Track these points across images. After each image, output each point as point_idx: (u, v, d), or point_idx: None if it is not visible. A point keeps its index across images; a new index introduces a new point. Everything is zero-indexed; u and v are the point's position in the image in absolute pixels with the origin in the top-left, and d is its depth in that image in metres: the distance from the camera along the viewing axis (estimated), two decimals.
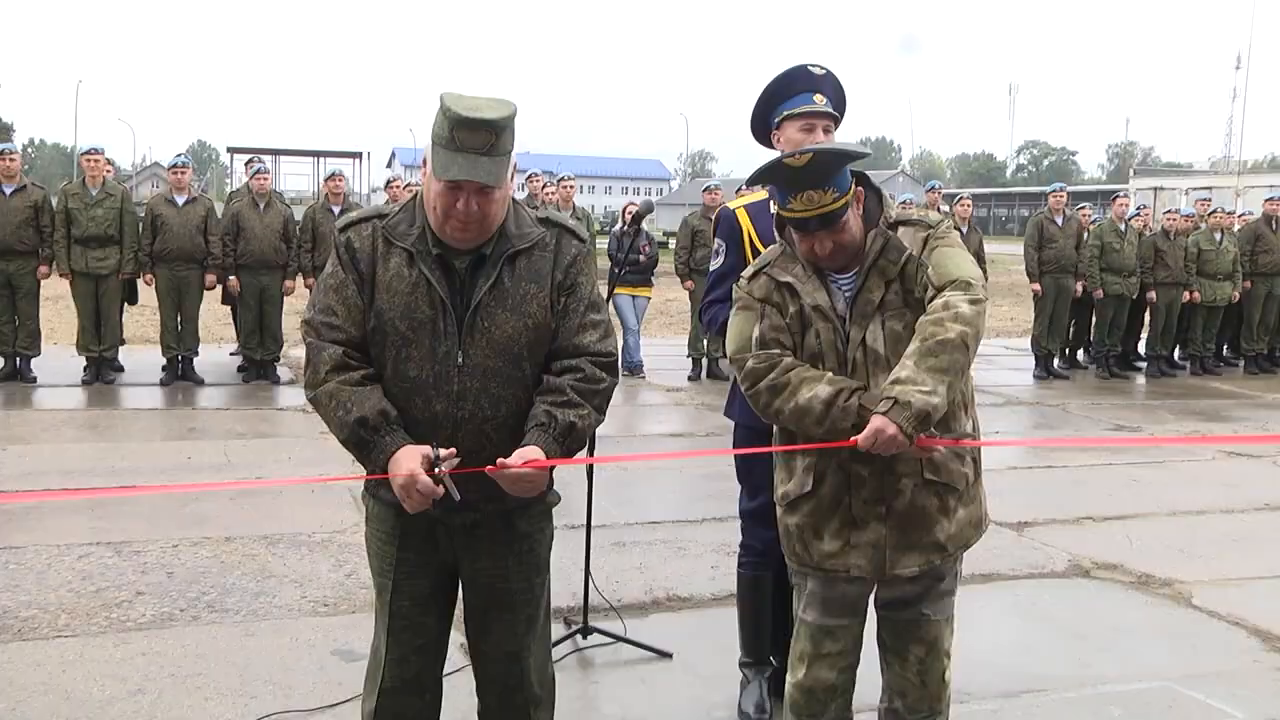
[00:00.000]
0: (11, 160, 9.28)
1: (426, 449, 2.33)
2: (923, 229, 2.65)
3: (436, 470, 2.32)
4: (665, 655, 4.08)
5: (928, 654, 2.78)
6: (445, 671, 2.74)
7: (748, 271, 2.83)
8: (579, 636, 4.15)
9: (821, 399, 2.59)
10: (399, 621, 2.60)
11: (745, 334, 2.73)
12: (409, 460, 2.32)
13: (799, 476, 2.74)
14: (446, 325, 2.42)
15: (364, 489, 2.64)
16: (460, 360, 2.41)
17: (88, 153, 9.58)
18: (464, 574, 2.61)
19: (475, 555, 2.57)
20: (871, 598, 2.84)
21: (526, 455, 2.35)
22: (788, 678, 2.88)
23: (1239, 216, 13.03)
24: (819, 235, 2.61)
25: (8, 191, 9.20)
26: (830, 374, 2.64)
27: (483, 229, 2.42)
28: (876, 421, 2.44)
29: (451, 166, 2.32)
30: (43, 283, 9.48)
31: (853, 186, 2.63)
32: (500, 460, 2.35)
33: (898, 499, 2.65)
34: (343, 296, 2.46)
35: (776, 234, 2.81)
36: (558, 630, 4.22)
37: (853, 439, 2.51)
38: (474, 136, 2.31)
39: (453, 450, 2.34)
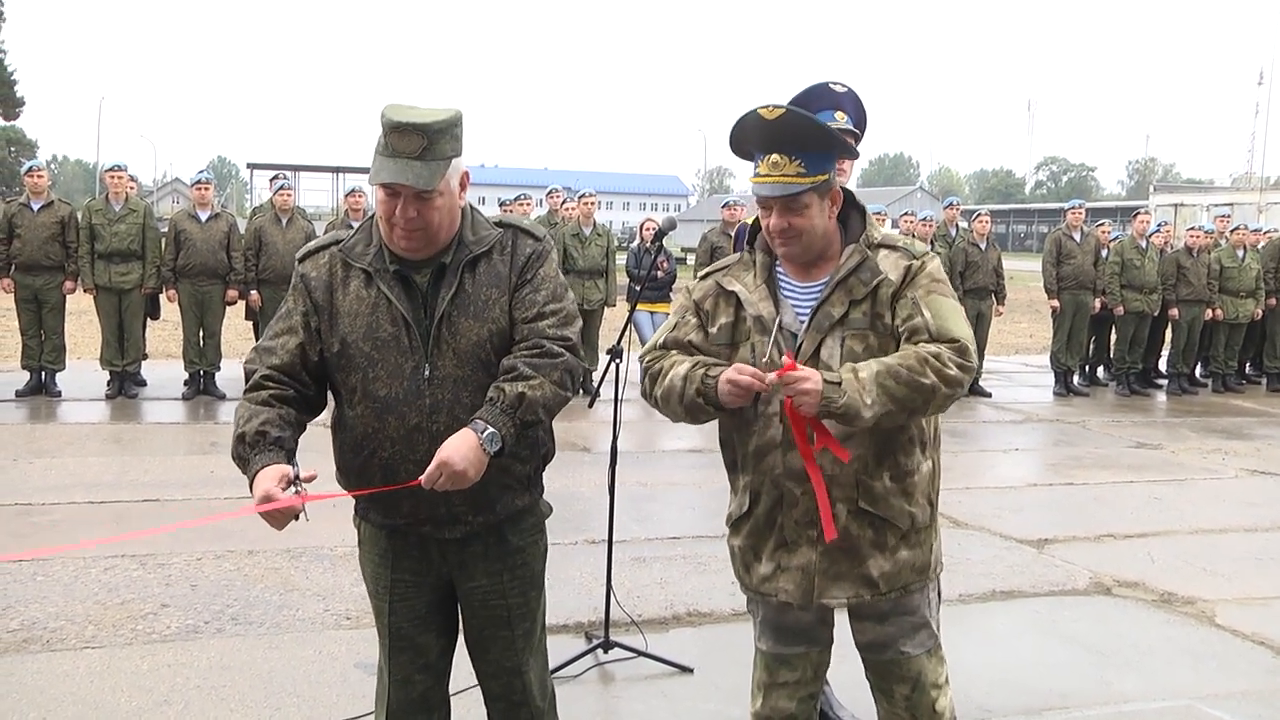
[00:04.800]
0: (39, 177, 9.41)
1: (287, 469, 2.32)
2: (906, 257, 2.57)
3: (297, 490, 2.31)
4: (686, 670, 4.09)
5: (913, 690, 2.69)
6: (459, 689, 2.74)
7: (703, 271, 2.83)
8: (600, 650, 4.16)
9: (680, 374, 2.56)
10: (399, 642, 2.59)
11: (657, 339, 2.74)
12: (266, 480, 2.30)
13: (738, 496, 2.69)
14: (411, 340, 2.41)
15: (354, 512, 2.63)
16: (428, 373, 2.40)
17: (112, 169, 9.72)
18: (460, 592, 2.60)
19: (470, 574, 2.55)
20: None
21: (456, 440, 2.30)
22: (749, 706, 2.82)
23: (1264, 234, 12.96)
24: (776, 208, 2.53)
25: (35, 208, 9.32)
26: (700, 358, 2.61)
27: (428, 238, 2.40)
28: (809, 371, 2.38)
29: (383, 171, 2.33)
30: (67, 298, 9.60)
31: (827, 177, 2.53)
32: (427, 474, 2.30)
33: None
34: (287, 325, 2.49)
35: (746, 243, 2.76)
36: (579, 644, 4.25)
37: (779, 371, 2.39)
38: (405, 140, 2.31)
39: (313, 473, 2.34)
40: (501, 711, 2.68)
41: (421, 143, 2.32)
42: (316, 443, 2.58)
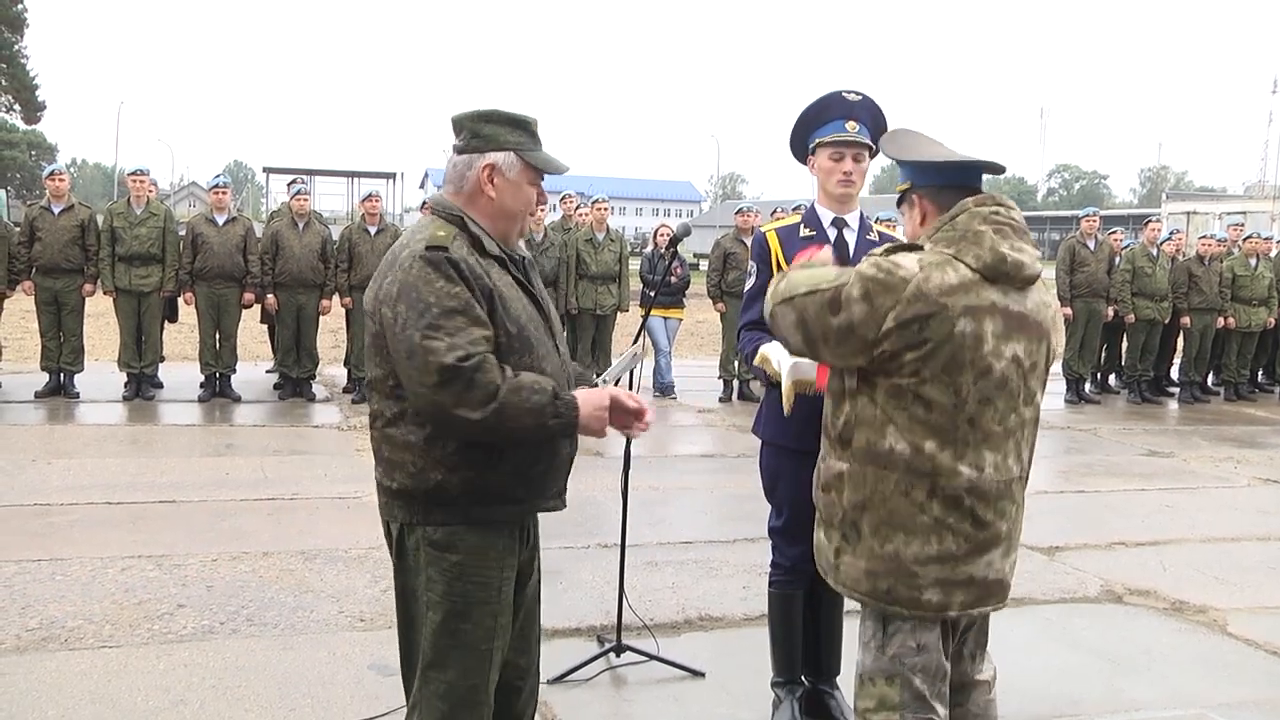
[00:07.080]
0: (60, 181, 9.50)
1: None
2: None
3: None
4: (698, 674, 4.11)
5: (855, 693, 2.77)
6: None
7: None
8: (612, 654, 4.19)
9: None
10: (499, 642, 2.55)
11: None
12: (595, 392, 2.49)
13: None
14: (546, 321, 2.57)
15: (448, 524, 2.47)
16: (563, 350, 2.60)
17: (134, 173, 9.80)
18: (522, 576, 2.63)
19: (534, 555, 2.70)
20: None
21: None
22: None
23: (1277, 242, 12.91)
24: None
25: (56, 211, 9.40)
26: None
27: None
28: None
29: (560, 160, 2.57)
30: (86, 300, 9.67)
31: (909, 189, 2.82)
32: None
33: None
34: (473, 317, 2.36)
35: None
36: (591, 648, 4.27)
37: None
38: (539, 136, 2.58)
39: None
40: (520, 689, 2.74)
41: None
42: (332, 445, 2.61)
